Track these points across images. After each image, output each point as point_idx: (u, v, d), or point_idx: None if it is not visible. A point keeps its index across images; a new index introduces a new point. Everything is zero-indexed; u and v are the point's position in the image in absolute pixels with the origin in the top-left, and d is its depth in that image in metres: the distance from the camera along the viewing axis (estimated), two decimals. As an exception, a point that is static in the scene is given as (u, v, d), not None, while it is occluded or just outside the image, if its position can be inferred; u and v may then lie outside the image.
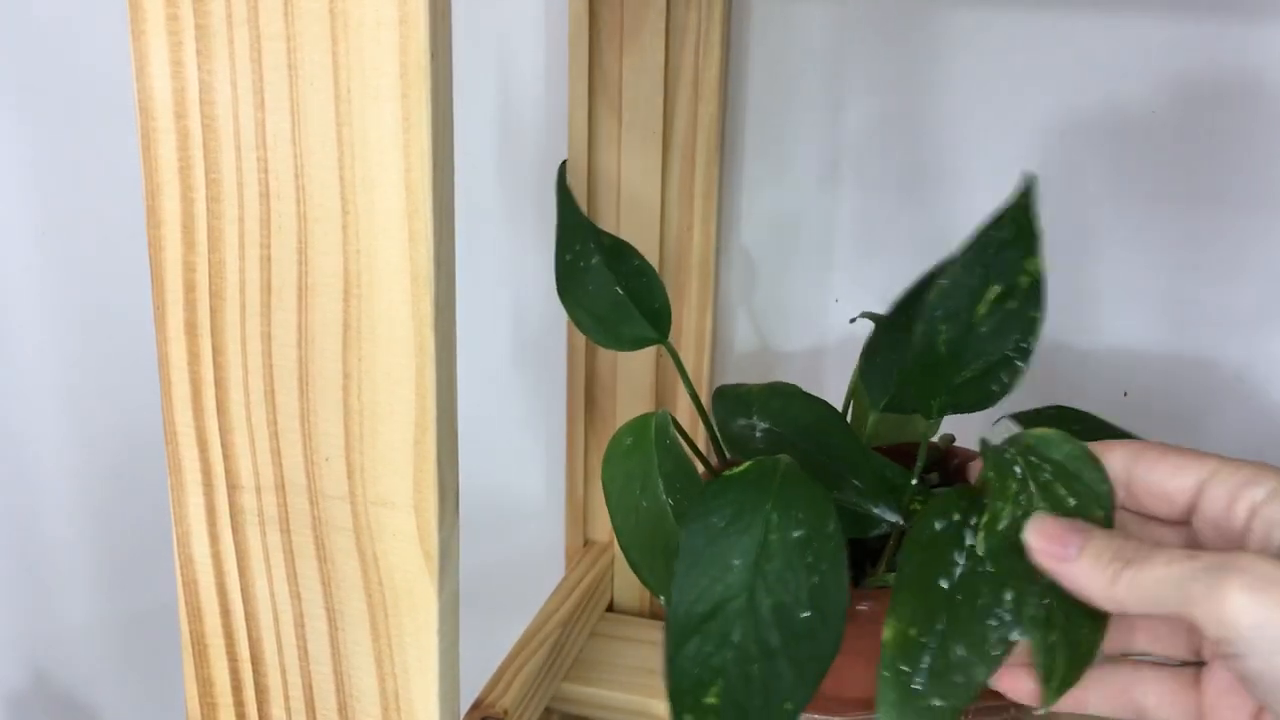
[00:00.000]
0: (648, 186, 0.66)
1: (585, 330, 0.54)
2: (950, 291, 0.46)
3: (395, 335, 0.36)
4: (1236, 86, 0.61)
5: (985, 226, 0.46)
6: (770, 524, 0.40)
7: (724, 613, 0.39)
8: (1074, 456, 0.40)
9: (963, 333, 0.46)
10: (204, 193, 0.36)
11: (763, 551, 0.39)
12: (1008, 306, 0.46)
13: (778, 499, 0.40)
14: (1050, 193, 0.65)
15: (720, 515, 0.40)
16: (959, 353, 0.46)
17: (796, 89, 0.67)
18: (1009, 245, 0.46)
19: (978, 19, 0.63)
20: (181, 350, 0.38)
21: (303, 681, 0.41)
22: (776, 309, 0.71)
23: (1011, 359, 0.46)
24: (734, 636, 0.39)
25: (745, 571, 0.39)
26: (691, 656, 0.38)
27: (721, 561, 0.39)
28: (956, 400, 0.47)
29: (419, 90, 0.33)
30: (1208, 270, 0.63)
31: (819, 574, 0.39)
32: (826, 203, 0.68)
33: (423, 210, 0.34)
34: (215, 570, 0.40)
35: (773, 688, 0.38)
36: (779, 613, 0.39)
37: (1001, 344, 0.46)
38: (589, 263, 0.53)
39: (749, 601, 0.39)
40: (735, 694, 0.38)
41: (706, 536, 0.40)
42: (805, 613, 0.38)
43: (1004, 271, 0.46)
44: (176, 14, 0.35)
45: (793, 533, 0.39)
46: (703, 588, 0.39)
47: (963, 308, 0.46)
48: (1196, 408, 0.66)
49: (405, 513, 0.37)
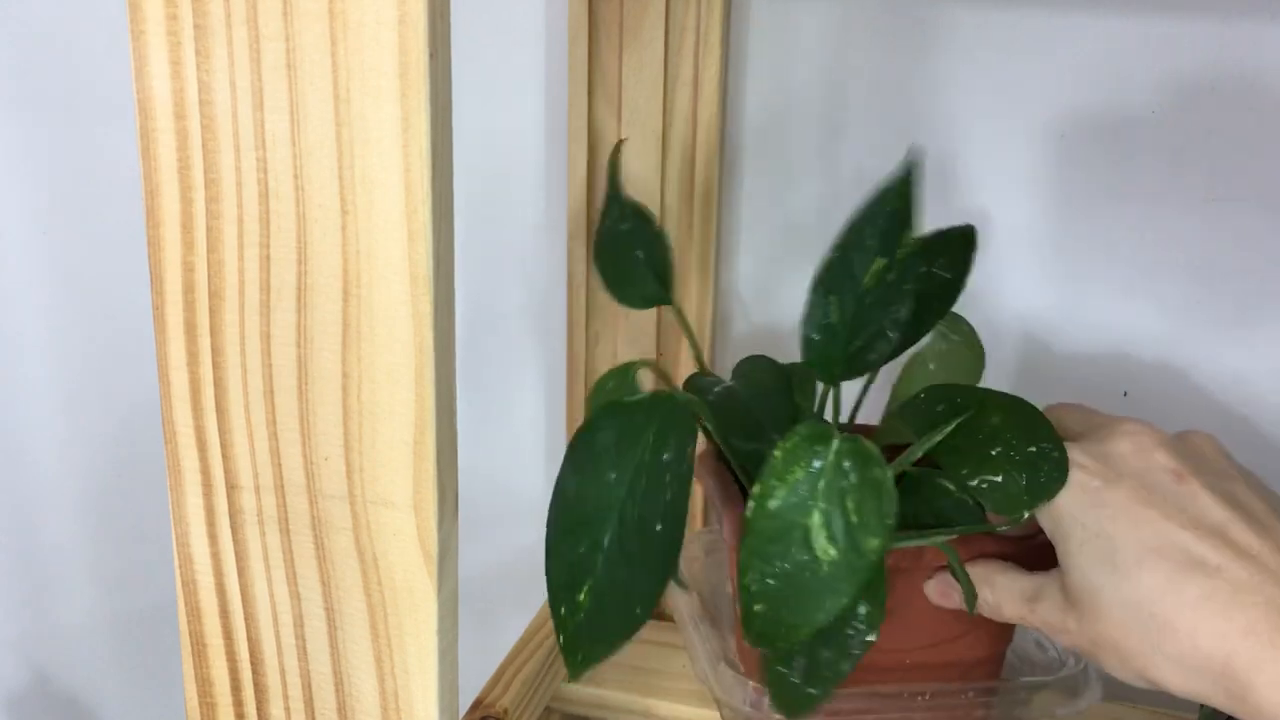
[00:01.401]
0: (648, 186, 0.66)
1: (611, 288, 0.58)
2: (838, 264, 0.50)
3: (395, 335, 0.36)
4: (1236, 86, 0.61)
5: (870, 201, 0.50)
6: (647, 445, 0.43)
7: (600, 520, 0.43)
8: (877, 482, 0.42)
9: (854, 305, 0.50)
10: (203, 193, 0.36)
11: (637, 470, 0.43)
12: (888, 278, 0.49)
13: (659, 426, 0.43)
14: (1050, 193, 0.65)
15: (607, 433, 0.43)
16: (850, 323, 0.50)
17: (796, 89, 0.67)
18: (893, 217, 0.49)
19: (978, 19, 0.63)
20: (181, 350, 0.38)
21: (302, 681, 0.41)
22: (776, 308, 0.71)
23: (885, 330, 0.49)
24: (604, 542, 0.42)
25: (621, 486, 0.43)
26: (569, 554, 0.42)
27: (603, 475, 0.43)
28: (849, 370, 0.51)
29: (419, 90, 0.33)
30: (1208, 270, 0.63)
31: (672, 491, 0.43)
32: (826, 203, 0.68)
33: (422, 210, 0.34)
34: (215, 570, 0.40)
35: (628, 592, 0.42)
36: (640, 524, 0.42)
37: (881, 315, 0.49)
38: (621, 228, 0.58)
39: (620, 511, 0.43)
40: (601, 594, 0.42)
41: (591, 450, 0.43)
42: (659, 525, 0.42)
43: (888, 245, 0.49)
44: (176, 14, 0.35)
45: (663, 455, 0.43)
46: (585, 494, 0.43)
47: (853, 279, 0.50)
48: (1196, 408, 0.66)
49: (405, 512, 0.37)
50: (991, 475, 0.46)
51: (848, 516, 0.42)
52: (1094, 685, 0.52)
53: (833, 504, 0.42)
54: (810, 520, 0.42)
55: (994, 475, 0.46)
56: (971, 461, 0.46)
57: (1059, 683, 0.53)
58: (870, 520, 0.41)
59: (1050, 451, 0.45)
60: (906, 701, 0.51)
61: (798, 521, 0.42)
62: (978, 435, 0.47)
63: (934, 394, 0.50)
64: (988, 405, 0.48)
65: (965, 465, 0.47)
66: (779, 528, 0.42)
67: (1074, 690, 0.52)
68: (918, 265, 0.49)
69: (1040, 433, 0.46)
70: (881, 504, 0.41)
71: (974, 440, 0.47)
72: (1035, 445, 0.46)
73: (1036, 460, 0.45)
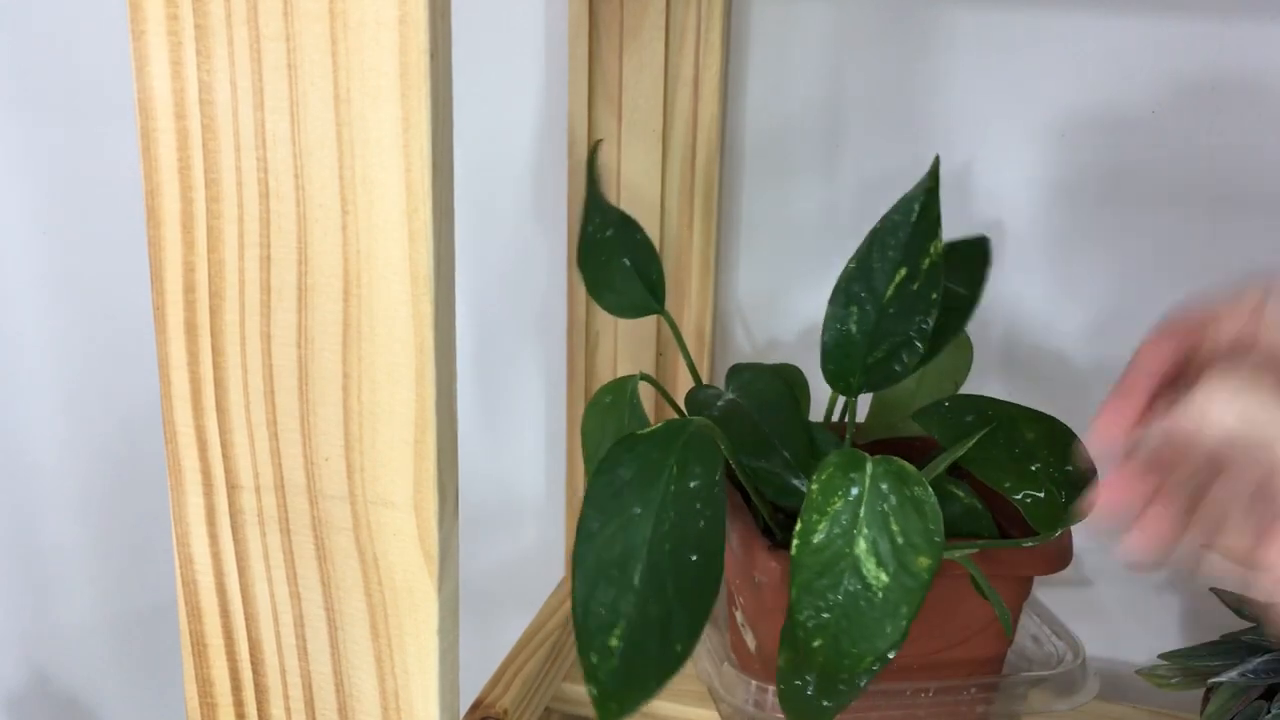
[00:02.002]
0: (648, 186, 0.66)
1: (597, 297, 0.57)
2: (858, 275, 0.49)
3: (395, 335, 0.35)
4: (1236, 86, 0.61)
5: (892, 212, 0.49)
6: (670, 475, 0.42)
7: (629, 559, 0.41)
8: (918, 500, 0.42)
9: (875, 316, 0.49)
10: (203, 193, 0.36)
11: (664, 501, 0.41)
12: (911, 288, 0.48)
13: (680, 454, 0.42)
14: (1050, 193, 0.65)
15: (627, 468, 0.42)
16: (870, 334, 0.49)
17: (796, 89, 0.67)
18: (915, 228, 0.48)
19: (977, 19, 0.63)
20: (181, 350, 0.38)
21: (302, 681, 0.41)
22: (776, 308, 0.71)
23: (912, 340, 0.49)
24: (635, 581, 0.40)
25: (648, 520, 0.41)
26: (599, 599, 0.40)
27: (626, 511, 0.41)
28: (870, 381, 0.50)
29: (419, 90, 0.33)
30: (1207, 270, 0.63)
31: (705, 519, 0.41)
32: (826, 202, 0.68)
33: (422, 210, 0.34)
34: (215, 570, 0.40)
35: (667, 629, 0.40)
36: (674, 557, 0.40)
37: (905, 325, 0.48)
38: (604, 235, 0.57)
39: (650, 549, 0.41)
40: (635, 635, 0.40)
41: (612, 488, 0.41)
42: (694, 555, 0.40)
43: (910, 255, 0.48)
44: (176, 14, 0.35)
45: (690, 483, 0.41)
46: (610, 535, 0.41)
47: (873, 290, 0.49)
48: (1196, 408, 0.66)
49: (405, 512, 0.37)
50: (1035, 491, 0.47)
51: (893, 539, 0.41)
52: (1091, 680, 0.53)
53: (877, 528, 0.41)
54: (856, 548, 0.42)
55: (1037, 491, 0.47)
56: (1013, 475, 0.47)
57: (1056, 678, 0.53)
58: (917, 539, 0.41)
59: (1084, 474, 0.47)
60: (910, 699, 0.52)
61: (844, 551, 0.42)
62: (1014, 449, 0.48)
63: (960, 403, 0.50)
64: (1019, 421, 0.48)
65: (1007, 479, 0.47)
66: (826, 560, 0.42)
67: (1071, 685, 0.53)
68: (941, 275, 0.48)
69: (1071, 453, 0.47)
70: (926, 521, 0.41)
71: (1011, 454, 0.47)
72: (1071, 465, 0.47)
73: (1074, 480, 0.46)
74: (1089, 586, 0.70)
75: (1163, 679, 0.56)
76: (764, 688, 0.51)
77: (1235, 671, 0.53)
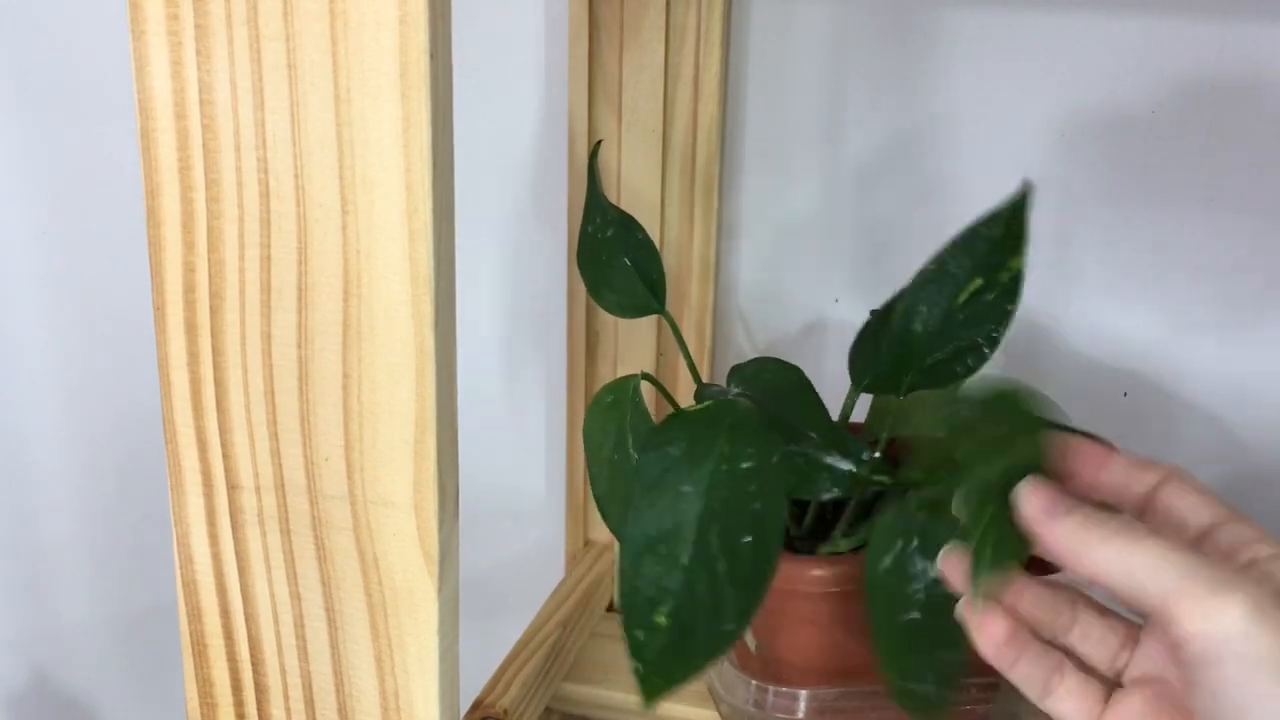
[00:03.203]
0: (648, 186, 0.66)
1: (597, 297, 0.57)
2: (933, 278, 0.49)
3: (395, 335, 0.35)
4: (1236, 86, 0.61)
5: (977, 224, 0.49)
6: (721, 455, 0.42)
7: (676, 536, 0.41)
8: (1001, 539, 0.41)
9: (941, 317, 0.49)
10: (204, 193, 0.36)
11: (713, 480, 0.41)
12: (986, 298, 0.48)
13: (729, 433, 0.42)
14: (1050, 193, 0.65)
15: (677, 445, 0.42)
16: (935, 335, 0.49)
17: (796, 89, 0.67)
18: (998, 243, 0.48)
19: (978, 19, 0.63)
20: (181, 350, 0.38)
21: (303, 681, 0.41)
22: (776, 309, 0.71)
23: (981, 346, 0.48)
24: (683, 559, 0.40)
25: (697, 499, 0.41)
26: (644, 576, 0.40)
27: (674, 489, 0.41)
28: (925, 380, 0.49)
29: (419, 90, 0.33)
30: (1208, 270, 0.63)
31: (760, 501, 0.41)
32: (826, 202, 0.68)
33: (423, 210, 0.34)
34: (215, 570, 0.40)
35: (717, 608, 0.40)
36: (724, 537, 0.40)
37: (975, 331, 0.48)
38: (604, 235, 0.57)
39: (699, 527, 0.41)
40: (683, 614, 0.40)
41: (662, 464, 0.42)
42: (747, 538, 0.40)
43: (989, 266, 0.48)
44: (176, 14, 0.35)
45: (741, 464, 0.41)
46: (658, 511, 0.41)
47: (944, 294, 0.49)
48: (1195, 408, 0.66)
49: (405, 513, 0.37)
50: None
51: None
52: None
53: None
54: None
55: None
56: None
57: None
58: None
59: None
60: None
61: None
62: None
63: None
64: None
65: None
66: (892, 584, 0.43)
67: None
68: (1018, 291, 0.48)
69: None
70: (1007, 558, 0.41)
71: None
72: None
73: None
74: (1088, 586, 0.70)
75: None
76: (764, 688, 0.51)
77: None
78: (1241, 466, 0.66)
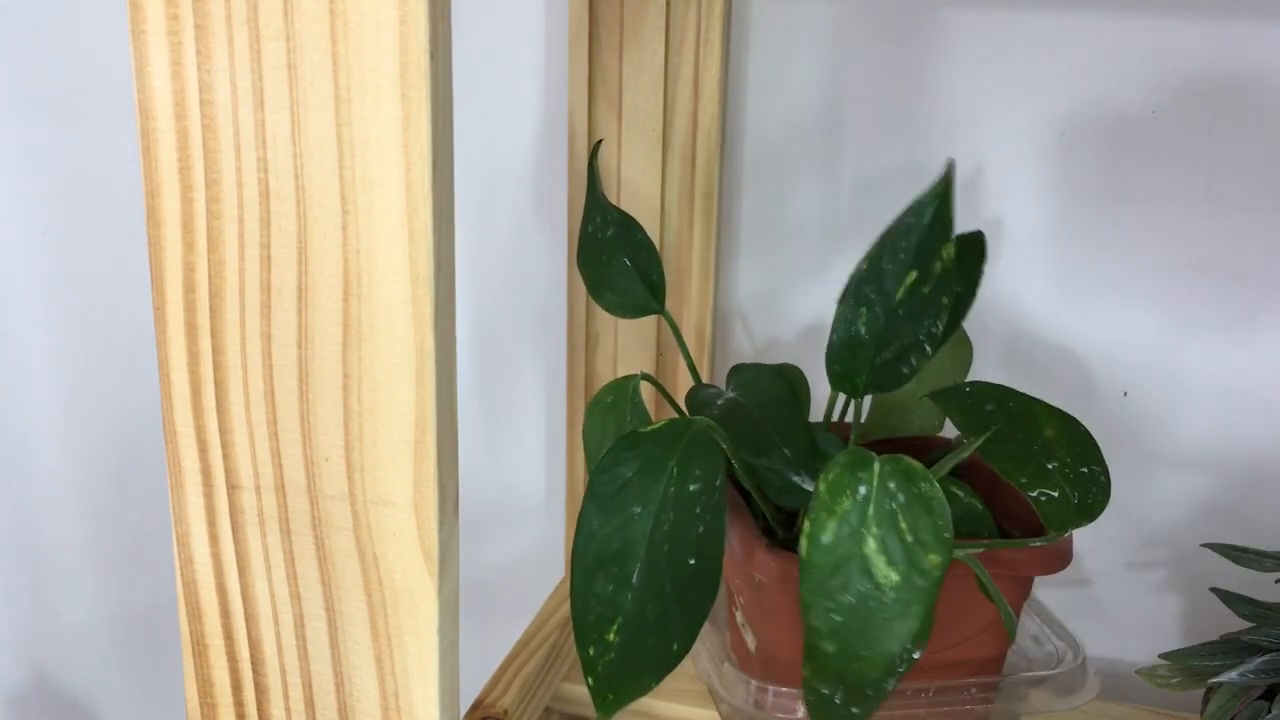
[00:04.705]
0: (648, 186, 0.66)
1: (597, 297, 0.57)
2: (869, 277, 0.48)
3: (395, 335, 0.35)
4: (1236, 86, 0.61)
5: (905, 213, 0.48)
6: (671, 477, 0.42)
7: (626, 556, 0.41)
8: (926, 498, 0.42)
9: (885, 316, 0.48)
10: (204, 193, 0.36)
11: (663, 502, 0.42)
12: (923, 291, 0.48)
13: (681, 455, 0.42)
14: (1050, 193, 0.65)
15: (629, 466, 0.42)
16: (879, 336, 0.49)
17: (796, 89, 0.67)
18: (927, 230, 0.47)
19: (978, 19, 0.63)
20: (181, 350, 0.38)
21: (303, 681, 0.41)
22: (776, 308, 0.71)
23: (922, 343, 0.48)
24: (633, 579, 0.41)
25: (646, 520, 0.42)
26: (596, 595, 0.41)
27: (626, 510, 0.42)
28: (875, 383, 0.49)
29: (419, 90, 0.33)
30: (1208, 270, 0.63)
31: (704, 524, 0.41)
32: (826, 202, 0.68)
33: (423, 210, 0.34)
34: (215, 570, 0.40)
35: (664, 628, 0.41)
36: (672, 559, 0.41)
37: (915, 328, 0.48)
38: (604, 235, 0.57)
39: (647, 547, 0.41)
40: (632, 632, 0.41)
41: (614, 485, 0.42)
42: (692, 559, 0.41)
43: (920, 257, 0.48)
44: (176, 14, 0.35)
45: (689, 486, 0.42)
46: (609, 531, 0.42)
47: (883, 293, 0.48)
48: (1195, 408, 0.66)
49: (405, 513, 0.37)
50: (1050, 489, 0.47)
51: (903, 537, 0.41)
52: (1091, 681, 0.53)
53: (886, 527, 0.41)
54: (866, 548, 0.41)
55: (1052, 490, 0.47)
56: (1029, 472, 0.47)
57: (1057, 678, 0.53)
58: (926, 537, 0.41)
59: (1099, 475, 0.46)
60: (910, 699, 0.52)
61: (854, 551, 0.41)
62: (1032, 446, 0.47)
63: (982, 390, 0.50)
64: (1039, 416, 0.48)
65: (1024, 474, 0.47)
66: (836, 561, 0.42)
67: (1072, 685, 0.53)
68: (953, 279, 0.48)
69: (1090, 454, 0.47)
70: (935, 518, 0.41)
71: (1029, 450, 0.47)
72: (1086, 466, 0.47)
73: (1087, 482, 0.46)
74: (1089, 586, 0.70)
75: (1163, 679, 0.56)
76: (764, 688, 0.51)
77: (1235, 671, 0.53)
78: (1240, 466, 0.66)
